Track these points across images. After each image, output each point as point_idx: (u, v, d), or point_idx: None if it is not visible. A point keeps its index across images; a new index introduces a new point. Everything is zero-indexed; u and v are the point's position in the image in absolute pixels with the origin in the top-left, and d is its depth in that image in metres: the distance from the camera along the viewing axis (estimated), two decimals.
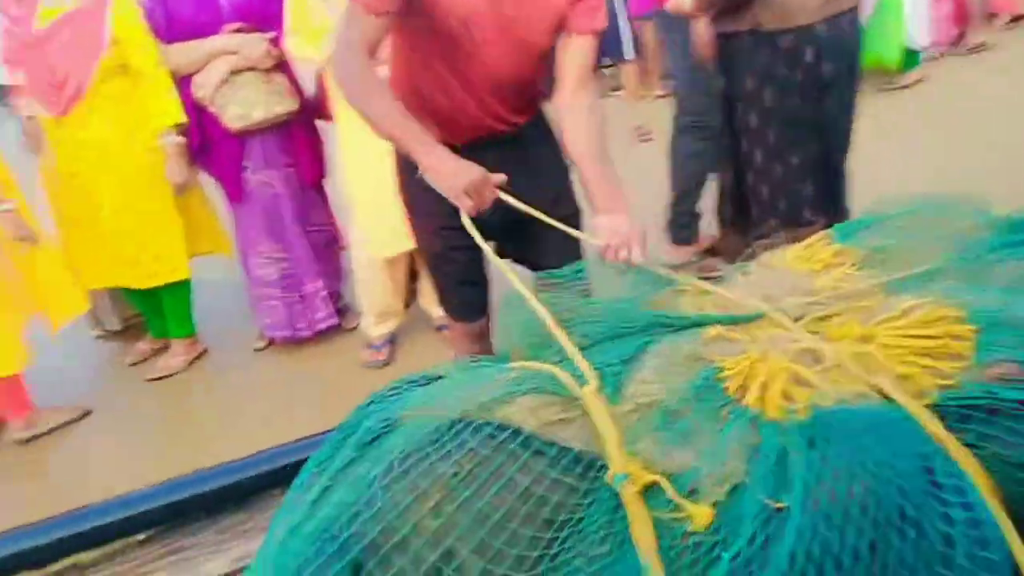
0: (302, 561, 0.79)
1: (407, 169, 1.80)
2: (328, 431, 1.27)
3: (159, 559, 1.36)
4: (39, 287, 2.86)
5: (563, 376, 0.87)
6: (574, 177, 1.69)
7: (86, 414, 3.07)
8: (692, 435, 0.81)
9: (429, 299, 3.13)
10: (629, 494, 0.80)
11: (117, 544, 1.38)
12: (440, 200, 1.52)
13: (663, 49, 3.85)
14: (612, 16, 6.35)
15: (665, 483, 0.80)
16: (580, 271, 1.23)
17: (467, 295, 1.91)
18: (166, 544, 1.39)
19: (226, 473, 1.47)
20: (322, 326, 3.23)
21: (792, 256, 1.12)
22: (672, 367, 0.87)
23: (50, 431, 2.97)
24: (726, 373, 0.85)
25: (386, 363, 3.05)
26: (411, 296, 3.34)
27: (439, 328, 3.18)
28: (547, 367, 0.89)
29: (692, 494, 0.78)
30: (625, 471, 0.80)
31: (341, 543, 0.77)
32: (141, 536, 1.40)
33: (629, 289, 1.12)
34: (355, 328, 3.30)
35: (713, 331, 0.92)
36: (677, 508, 0.78)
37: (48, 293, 2.89)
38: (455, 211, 1.47)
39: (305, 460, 1.00)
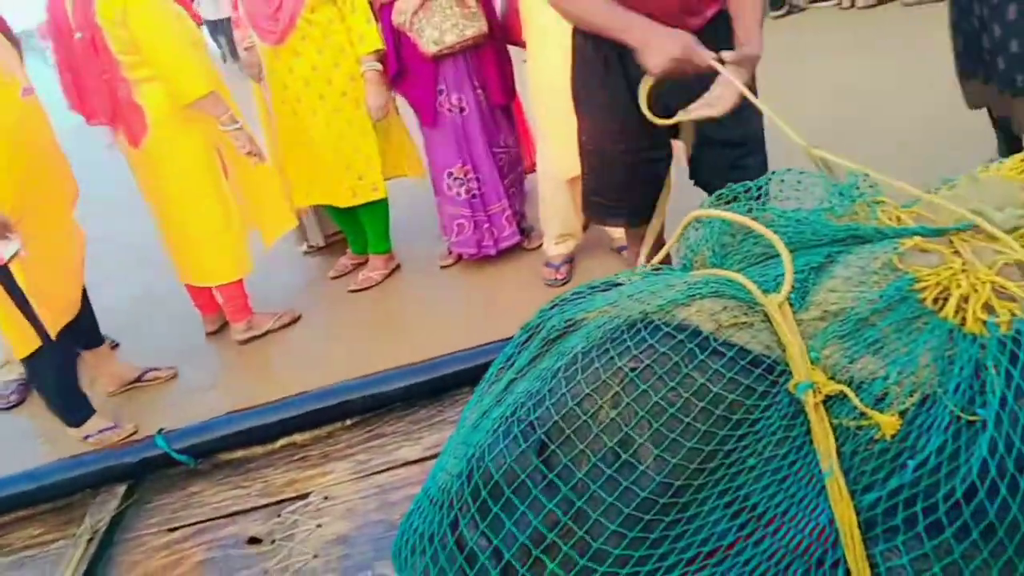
0: (491, 440, 0.86)
1: (583, 65, 1.88)
2: (503, 340, 1.35)
3: (362, 443, 1.51)
4: (255, 205, 3.16)
5: (746, 282, 0.87)
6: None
7: (296, 319, 3.40)
8: (882, 344, 0.79)
9: None
10: (812, 403, 0.80)
11: (328, 428, 1.55)
12: (617, 99, 1.56)
13: None
14: None
15: (851, 394, 0.79)
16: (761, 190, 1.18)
17: (630, 197, 1.97)
18: (368, 430, 1.53)
19: (420, 371, 1.59)
20: (505, 244, 3.35)
21: (1008, 168, 1.03)
22: (864, 276, 0.85)
23: (266, 333, 3.33)
24: (923, 284, 0.82)
25: (565, 281, 3.13)
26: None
27: (618, 249, 3.20)
28: (730, 274, 0.89)
29: (879, 403, 0.77)
30: (809, 380, 0.80)
31: (526, 425, 0.83)
32: (348, 422, 1.56)
33: (817, 202, 1.08)
34: (537, 248, 3.39)
35: (911, 242, 0.88)
36: (862, 416, 0.77)
37: (263, 210, 3.20)
38: (631, 110, 1.58)
39: (490, 361, 1.08)
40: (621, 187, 1.97)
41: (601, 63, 1.83)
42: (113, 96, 2.81)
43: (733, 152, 1.81)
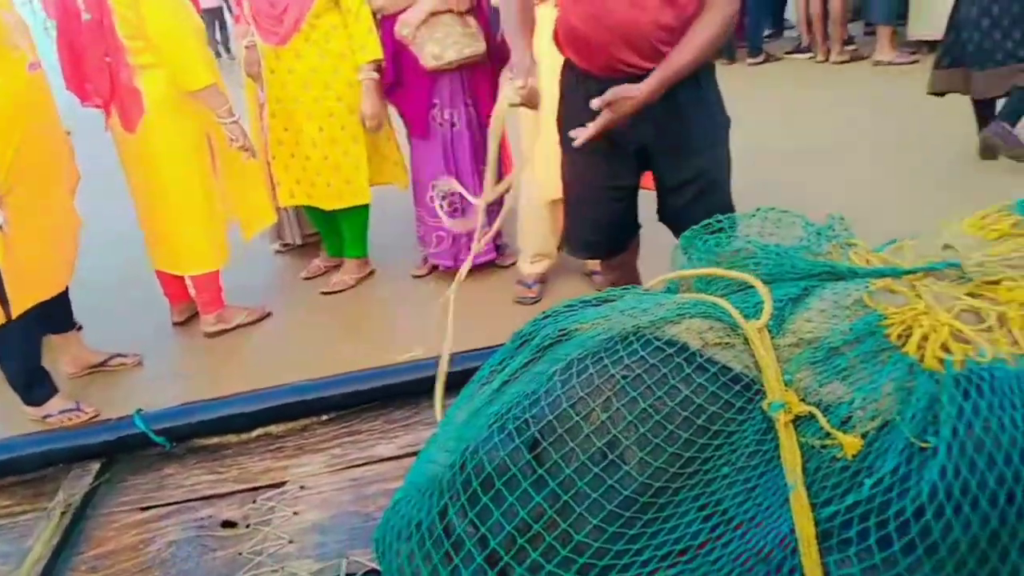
0: (486, 435, 0.92)
1: (567, 97, 2.02)
2: (483, 348, 1.41)
3: (337, 437, 1.54)
4: (238, 196, 3.18)
5: (729, 307, 0.94)
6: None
7: (266, 316, 3.41)
8: (849, 372, 0.87)
9: None
10: (782, 421, 0.88)
11: (304, 421, 1.58)
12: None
13: None
14: None
15: (819, 415, 0.87)
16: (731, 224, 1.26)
17: (606, 232, 2.10)
18: (344, 426, 1.57)
19: (398, 372, 1.64)
20: (481, 260, 3.42)
21: (967, 224, 1.13)
22: (837, 311, 0.93)
23: (235, 327, 3.33)
24: (889, 321, 0.90)
25: (536, 300, 3.20)
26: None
27: (590, 274, 3.28)
28: (715, 298, 0.97)
29: (843, 424, 0.85)
30: (781, 400, 0.88)
31: (521, 422, 0.89)
32: (324, 417, 1.59)
33: (796, 240, 1.17)
34: (510, 266, 3.46)
35: (881, 283, 0.96)
36: (827, 437, 0.85)
37: (245, 203, 3.22)
38: (604, 147, 1.86)
39: (468, 368, 1.13)
40: (596, 223, 2.08)
41: (582, 97, 1.94)
42: (113, 79, 2.82)
43: (690, 190, 1.94)
